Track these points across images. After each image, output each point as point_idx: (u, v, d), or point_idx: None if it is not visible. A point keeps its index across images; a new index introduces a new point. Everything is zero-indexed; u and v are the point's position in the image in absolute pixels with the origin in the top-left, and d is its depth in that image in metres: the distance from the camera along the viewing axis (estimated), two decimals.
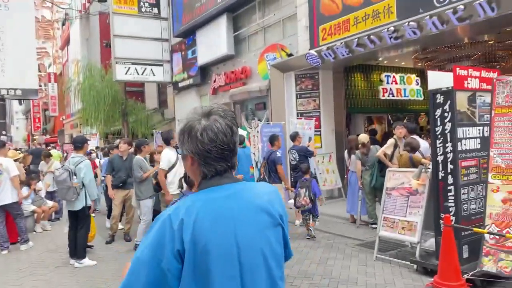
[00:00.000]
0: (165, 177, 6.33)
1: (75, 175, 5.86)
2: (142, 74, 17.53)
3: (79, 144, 6.18)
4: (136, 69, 17.36)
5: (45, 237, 8.01)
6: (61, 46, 39.45)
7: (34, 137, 40.65)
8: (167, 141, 6.62)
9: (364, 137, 7.82)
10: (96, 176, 8.69)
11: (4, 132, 21.16)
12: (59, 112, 36.73)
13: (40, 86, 43.24)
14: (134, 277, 1.28)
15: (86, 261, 6.07)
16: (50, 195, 9.42)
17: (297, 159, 7.89)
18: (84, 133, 21.63)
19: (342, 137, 11.18)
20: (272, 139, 7.56)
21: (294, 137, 8.26)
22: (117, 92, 19.36)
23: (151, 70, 17.56)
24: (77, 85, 20.00)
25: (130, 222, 7.54)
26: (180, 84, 17.24)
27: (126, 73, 17.21)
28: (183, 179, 5.75)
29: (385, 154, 7.17)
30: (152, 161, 8.07)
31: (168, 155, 6.37)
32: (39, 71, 44.44)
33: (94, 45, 26.27)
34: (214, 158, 1.37)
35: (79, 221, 6.07)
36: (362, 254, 5.90)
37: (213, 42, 14.32)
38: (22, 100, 36.08)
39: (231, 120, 1.40)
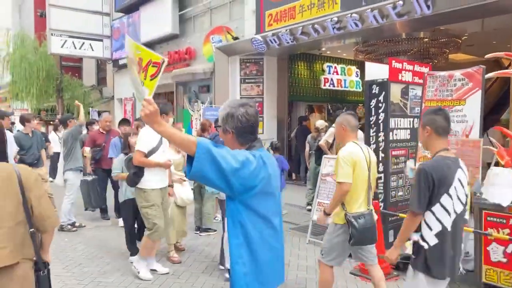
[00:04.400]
0: None
1: None
2: (79, 48, 16.59)
3: None
4: (73, 42, 16.40)
5: None
6: None
7: None
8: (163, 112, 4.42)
9: (319, 123, 8.07)
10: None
11: None
12: None
13: None
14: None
15: None
16: None
17: None
18: (14, 108, 20.18)
19: (284, 124, 11.35)
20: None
21: None
22: (52, 66, 18.21)
23: (90, 45, 16.68)
24: (6, 56, 18.54)
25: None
26: (121, 62, 16.54)
27: (62, 46, 16.20)
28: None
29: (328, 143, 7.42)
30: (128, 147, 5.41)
31: (148, 136, 4.52)
32: None
33: (28, 14, 24.43)
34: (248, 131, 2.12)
35: None
36: (296, 238, 6.05)
37: (158, 20, 13.83)
38: None
39: (255, 108, 2.16)
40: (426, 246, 2.56)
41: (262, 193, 2.03)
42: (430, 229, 2.56)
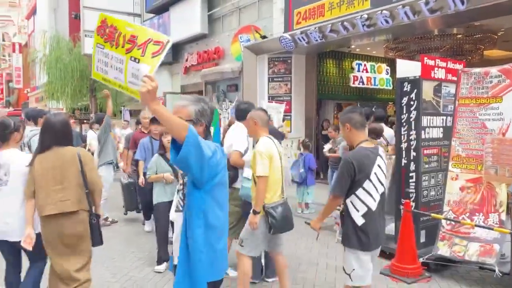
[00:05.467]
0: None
1: (29, 147, 5.65)
2: None
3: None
4: None
5: None
6: (27, 16, 37.66)
7: None
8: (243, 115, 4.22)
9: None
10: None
11: None
12: (23, 84, 35.27)
13: (4, 56, 41.39)
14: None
15: None
16: None
17: None
18: (50, 107, 20.89)
19: (312, 122, 11.29)
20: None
21: None
22: (86, 66, 18.73)
23: None
24: (43, 57, 19.22)
25: None
26: None
27: None
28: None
29: None
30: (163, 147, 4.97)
31: (241, 135, 4.32)
32: (3, 40, 42.43)
33: (62, 16, 25.21)
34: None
35: None
36: (325, 237, 6.01)
37: (187, 20, 14.02)
38: None
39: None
40: (354, 225, 2.91)
41: (220, 182, 2.17)
42: (357, 210, 2.91)
